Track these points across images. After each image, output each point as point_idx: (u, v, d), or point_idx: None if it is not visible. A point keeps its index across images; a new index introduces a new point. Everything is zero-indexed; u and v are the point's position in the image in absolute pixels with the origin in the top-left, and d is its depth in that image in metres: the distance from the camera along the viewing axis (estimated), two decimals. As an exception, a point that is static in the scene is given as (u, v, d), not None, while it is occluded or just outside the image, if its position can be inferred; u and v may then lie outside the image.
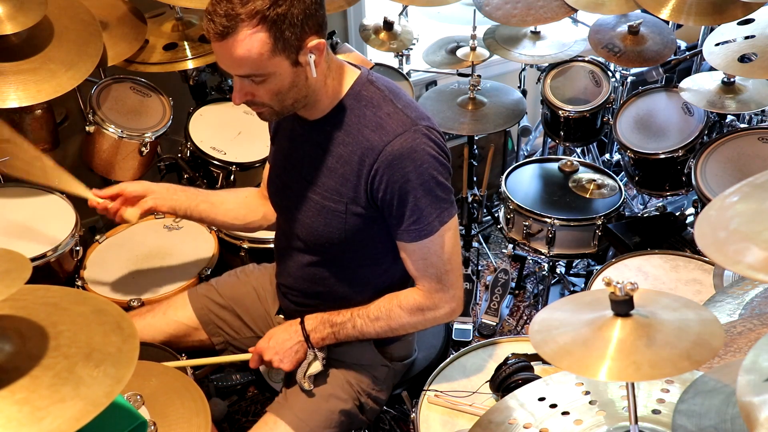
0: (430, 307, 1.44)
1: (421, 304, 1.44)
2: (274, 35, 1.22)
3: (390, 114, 1.34)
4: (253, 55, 1.22)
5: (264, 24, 1.20)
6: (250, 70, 1.26)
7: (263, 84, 1.28)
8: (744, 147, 2.16)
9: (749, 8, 2.13)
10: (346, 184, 1.37)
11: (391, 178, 1.32)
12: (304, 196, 1.45)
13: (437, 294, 1.43)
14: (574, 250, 2.38)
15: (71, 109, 2.39)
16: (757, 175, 0.92)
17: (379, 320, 1.47)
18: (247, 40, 1.21)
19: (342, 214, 1.40)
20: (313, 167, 1.42)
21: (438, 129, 1.38)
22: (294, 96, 1.32)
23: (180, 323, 1.71)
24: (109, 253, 2.08)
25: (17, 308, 0.90)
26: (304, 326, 1.51)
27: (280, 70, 1.26)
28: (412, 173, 1.32)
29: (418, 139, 1.32)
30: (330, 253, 1.49)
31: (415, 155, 1.31)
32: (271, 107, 1.33)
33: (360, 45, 2.94)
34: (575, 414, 1.15)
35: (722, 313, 1.37)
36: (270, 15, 1.20)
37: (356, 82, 1.38)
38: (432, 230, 1.36)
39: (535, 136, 3.21)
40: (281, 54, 1.24)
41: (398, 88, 1.42)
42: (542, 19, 2.47)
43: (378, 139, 1.32)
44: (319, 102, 1.36)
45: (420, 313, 1.45)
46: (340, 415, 1.53)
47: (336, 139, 1.37)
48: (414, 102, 1.41)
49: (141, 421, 1.01)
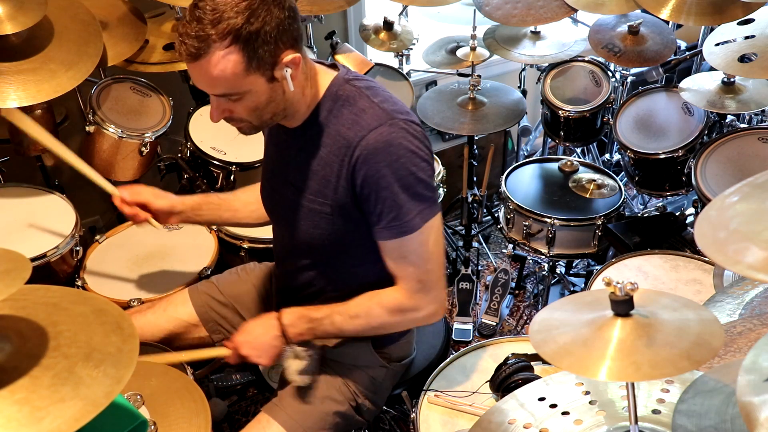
0: (410, 308, 1.41)
1: (402, 304, 1.41)
2: (248, 54, 1.19)
3: (365, 109, 1.31)
4: (228, 74, 1.20)
5: (237, 43, 1.18)
6: (226, 90, 1.24)
7: (240, 102, 1.27)
8: (744, 147, 2.16)
9: (749, 8, 2.13)
10: (328, 185, 1.36)
11: (367, 172, 1.29)
12: (291, 200, 1.44)
13: (418, 295, 1.39)
14: (574, 250, 2.38)
15: (71, 109, 2.40)
16: (757, 175, 0.92)
17: (359, 318, 1.43)
18: (220, 61, 1.19)
19: (329, 216, 1.39)
20: (299, 171, 1.41)
21: (418, 123, 1.34)
22: (272, 110, 1.31)
23: (180, 320, 1.71)
24: (109, 253, 2.08)
25: (17, 308, 0.90)
26: (281, 320, 1.46)
27: (256, 88, 1.25)
28: (387, 168, 1.27)
29: (394, 133, 1.28)
30: (322, 255, 1.48)
31: (391, 149, 1.28)
32: (249, 122, 1.32)
33: (360, 45, 2.94)
34: (575, 414, 1.15)
35: (722, 313, 1.37)
36: (242, 34, 1.18)
37: (332, 83, 1.35)
38: (413, 228, 1.32)
39: (535, 136, 3.21)
40: (256, 72, 1.22)
41: (378, 85, 1.38)
42: (542, 19, 2.47)
43: (353, 135, 1.30)
44: (298, 112, 1.35)
45: (400, 313, 1.42)
46: (334, 416, 1.52)
47: (317, 142, 1.35)
48: (394, 98, 1.37)
49: (141, 421, 1.01)
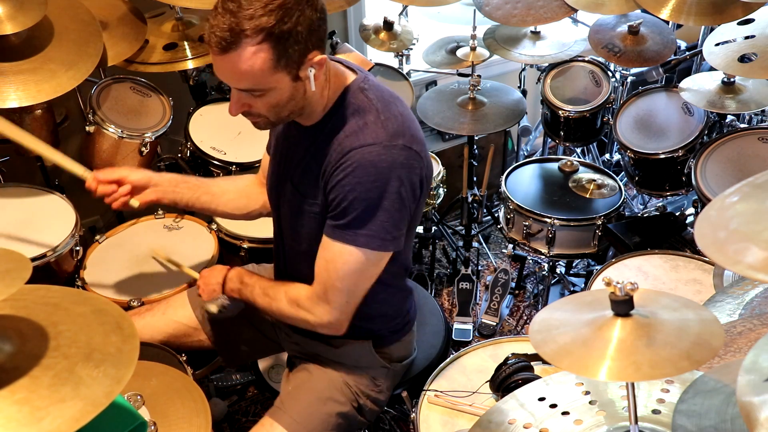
0: (305, 308, 1.42)
1: (300, 299, 1.42)
2: (278, 52, 1.19)
3: (368, 124, 1.31)
4: (255, 71, 1.20)
5: (269, 41, 1.17)
6: (250, 85, 1.24)
7: (262, 98, 1.27)
8: (744, 147, 2.16)
9: (749, 8, 2.13)
10: (317, 186, 1.36)
11: (342, 180, 1.29)
12: (289, 197, 1.45)
13: (317, 300, 1.40)
14: (574, 250, 2.38)
15: (71, 109, 2.39)
16: (757, 175, 0.92)
17: (267, 296, 1.48)
18: (250, 56, 1.18)
19: (317, 216, 1.39)
20: (299, 170, 1.41)
21: (419, 151, 1.33)
22: (291, 108, 1.31)
23: (179, 323, 1.71)
24: (109, 253, 2.08)
25: (17, 308, 0.90)
26: (228, 273, 1.56)
27: (281, 85, 1.25)
28: (361, 186, 1.27)
29: (384, 156, 1.27)
30: (312, 253, 1.46)
31: (373, 170, 1.27)
32: (267, 118, 1.33)
33: (360, 45, 2.94)
34: (575, 414, 1.15)
35: (722, 313, 1.37)
36: (275, 32, 1.17)
37: (347, 88, 1.35)
38: (352, 242, 1.31)
39: (535, 136, 3.21)
40: (283, 70, 1.22)
41: (392, 98, 1.37)
42: (542, 19, 2.47)
43: (348, 144, 1.29)
44: (315, 111, 1.35)
45: (295, 306, 1.43)
46: (337, 417, 1.53)
47: (321, 145, 1.35)
48: (404, 114, 1.36)
49: (141, 421, 1.01)
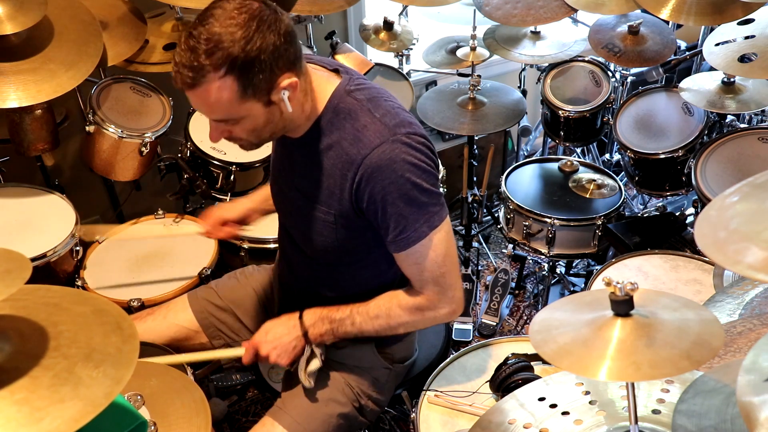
0: (429, 308, 1.43)
1: (420, 305, 1.43)
2: (244, 82, 1.19)
3: (367, 125, 1.31)
4: (224, 102, 1.21)
5: (232, 73, 1.18)
6: (223, 116, 1.26)
7: (237, 125, 1.28)
8: (744, 147, 2.16)
9: (749, 8, 2.13)
10: (332, 196, 1.37)
11: (372, 190, 1.31)
12: (297, 203, 1.45)
13: (435, 296, 1.41)
14: (574, 250, 2.38)
15: (71, 109, 2.39)
16: (757, 175, 0.92)
17: (379, 318, 1.45)
18: (216, 90, 1.19)
19: (332, 225, 1.40)
20: (304, 178, 1.41)
21: (420, 133, 1.35)
22: (271, 130, 1.32)
23: (180, 327, 1.71)
24: (109, 253, 2.08)
25: (17, 308, 0.90)
26: (303, 321, 1.48)
27: (253, 112, 1.25)
28: (391, 185, 1.29)
29: (396, 149, 1.29)
30: (326, 258, 1.49)
31: (394, 166, 1.29)
32: (249, 140, 1.34)
33: (360, 45, 2.93)
34: (575, 414, 1.15)
35: (722, 313, 1.37)
36: (237, 63, 1.17)
37: (333, 95, 1.35)
38: (420, 236, 1.34)
39: (535, 136, 3.21)
40: (252, 98, 1.23)
41: (379, 94, 1.38)
42: (542, 19, 2.47)
43: (356, 152, 1.30)
44: (299, 126, 1.36)
45: (419, 312, 1.44)
46: (338, 418, 1.53)
47: (319, 153, 1.36)
48: (395, 108, 1.37)
49: (141, 421, 1.01)
